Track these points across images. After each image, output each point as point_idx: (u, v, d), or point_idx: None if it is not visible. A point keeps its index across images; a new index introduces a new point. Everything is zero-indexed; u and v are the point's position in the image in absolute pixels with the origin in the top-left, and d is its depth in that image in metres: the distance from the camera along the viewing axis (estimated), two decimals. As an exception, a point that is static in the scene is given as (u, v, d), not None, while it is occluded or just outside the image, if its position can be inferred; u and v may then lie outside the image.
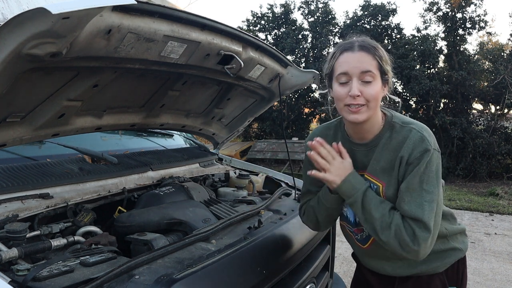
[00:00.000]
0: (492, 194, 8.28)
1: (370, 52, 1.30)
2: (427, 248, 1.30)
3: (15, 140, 1.55)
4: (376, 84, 1.30)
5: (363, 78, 1.29)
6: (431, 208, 1.28)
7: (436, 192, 1.30)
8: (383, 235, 1.31)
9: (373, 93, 1.30)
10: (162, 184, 2.08)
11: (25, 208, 1.44)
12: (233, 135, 2.93)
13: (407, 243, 1.28)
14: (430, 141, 1.32)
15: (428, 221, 1.27)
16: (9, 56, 1.09)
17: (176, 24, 1.46)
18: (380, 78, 1.32)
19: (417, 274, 1.49)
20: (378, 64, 1.31)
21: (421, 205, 1.28)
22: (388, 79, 1.36)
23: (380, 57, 1.31)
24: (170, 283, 1.10)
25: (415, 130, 1.34)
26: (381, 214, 1.32)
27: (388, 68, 1.35)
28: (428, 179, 1.30)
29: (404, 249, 1.29)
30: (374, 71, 1.30)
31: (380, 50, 1.34)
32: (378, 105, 1.36)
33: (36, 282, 1.09)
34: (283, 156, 10.30)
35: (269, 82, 2.32)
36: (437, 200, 1.31)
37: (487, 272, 4.29)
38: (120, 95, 1.84)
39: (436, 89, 10.33)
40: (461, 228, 1.59)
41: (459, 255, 1.55)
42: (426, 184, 1.29)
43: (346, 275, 4.02)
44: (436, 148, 1.34)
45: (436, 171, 1.31)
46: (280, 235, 1.69)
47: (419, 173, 1.29)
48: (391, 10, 12.37)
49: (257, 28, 14.26)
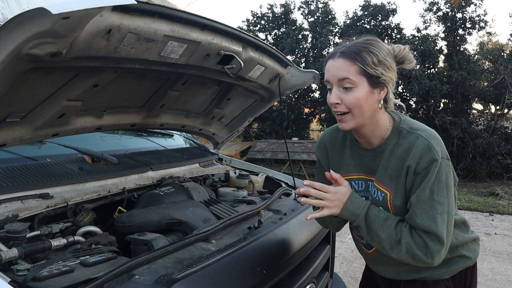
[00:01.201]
0: (492, 194, 8.27)
1: (349, 58, 1.27)
2: (441, 258, 1.30)
3: (15, 140, 1.55)
4: (357, 91, 1.27)
5: (342, 85, 1.28)
6: (443, 220, 1.27)
7: (447, 203, 1.28)
8: (393, 253, 1.32)
9: (352, 100, 1.27)
10: (162, 184, 2.08)
11: (25, 208, 1.44)
12: (233, 135, 2.93)
13: (420, 257, 1.28)
14: (438, 150, 1.28)
15: (441, 233, 1.26)
16: (9, 56, 1.09)
17: (176, 24, 1.46)
18: (367, 83, 1.27)
19: (422, 278, 1.48)
20: (359, 69, 1.26)
21: (434, 218, 1.26)
22: (385, 82, 1.29)
23: (363, 61, 1.26)
24: (170, 283, 1.10)
25: (422, 138, 1.30)
26: (388, 233, 1.31)
27: (382, 70, 1.28)
28: (439, 189, 1.27)
29: (417, 262, 1.31)
30: (353, 78, 1.26)
31: (366, 53, 1.27)
32: (370, 112, 1.31)
33: (36, 282, 1.09)
34: (283, 156, 10.29)
35: (269, 82, 2.32)
36: (449, 210, 1.29)
37: (487, 272, 4.29)
38: (120, 95, 1.84)
39: (436, 89, 10.32)
40: (473, 237, 1.54)
41: (467, 263, 1.50)
42: (437, 195, 1.27)
43: (346, 275, 4.02)
44: (445, 156, 1.30)
45: (446, 180, 1.29)
46: (280, 235, 1.69)
47: (429, 184, 1.27)
48: (391, 10, 12.36)
49: (257, 28, 14.25)
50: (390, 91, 1.33)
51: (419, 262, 1.30)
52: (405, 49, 1.36)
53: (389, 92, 1.34)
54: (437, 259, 1.29)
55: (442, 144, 1.34)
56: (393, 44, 1.38)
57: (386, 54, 1.31)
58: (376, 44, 1.31)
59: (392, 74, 1.32)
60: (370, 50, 1.28)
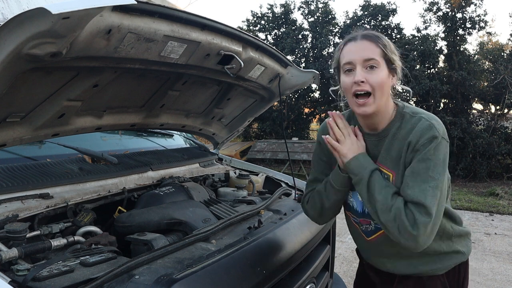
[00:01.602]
0: (492, 194, 8.27)
1: (373, 40, 1.33)
2: (426, 236, 1.26)
3: (15, 140, 1.55)
4: (381, 72, 1.32)
5: (367, 65, 1.31)
6: (434, 194, 1.26)
7: (441, 180, 1.28)
8: (382, 217, 1.30)
9: (378, 79, 1.31)
10: (162, 184, 2.08)
11: (25, 208, 1.43)
12: (233, 135, 2.93)
13: (406, 227, 1.25)
14: (439, 129, 1.31)
15: (430, 205, 1.24)
16: (9, 56, 1.09)
17: (176, 24, 1.46)
18: (386, 67, 1.33)
19: (417, 274, 1.49)
20: (382, 52, 1.32)
21: (425, 190, 1.26)
22: (396, 68, 1.37)
23: (384, 45, 1.33)
24: (170, 283, 1.10)
25: (424, 119, 1.33)
26: (384, 196, 1.31)
27: (395, 58, 1.35)
28: (435, 166, 1.28)
29: (402, 235, 1.26)
30: (378, 58, 1.31)
31: (384, 39, 1.35)
32: (386, 96, 1.36)
33: (36, 282, 1.09)
34: (283, 156, 10.29)
35: (269, 82, 2.32)
36: (441, 189, 1.29)
37: (487, 272, 4.29)
38: (120, 95, 1.84)
39: (436, 89, 10.32)
40: (466, 231, 1.56)
41: (461, 258, 1.53)
42: (432, 171, 1.27)
43: (346, 275, 4.02)
44: (445, 137, 1.32)
45: (443, 160, 1.30)
46: (280, 235, 1.69)
47: (425, 158, 1.28)
48: (391, 10, 12.37)
49: (257, 28, 14.25)
50: (397, 78, 1.40)
51: (403, 235, 1.26)
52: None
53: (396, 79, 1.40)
54: (422, 234, 1.25)
55: (443, 127, 1.35)
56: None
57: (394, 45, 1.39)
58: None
59: (400, 64, 1.39)
60: (386, 38, 1.37)
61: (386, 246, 1.45)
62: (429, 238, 1.28)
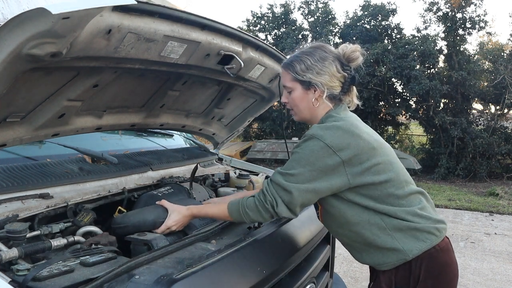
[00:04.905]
0: (492, 194, 8.27)
1: (285, 68, 1.56)
2: (273, 189, 1.44)
3: (15, 140, 1.55)
4: (294, 93, 1.55)
5: (286, 90, 1.58)
6: (282, 174, 1.43)
7: (301, 172, 1.39)
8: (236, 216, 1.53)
9: (293, 100, 1.57)
10: (162, 184, 2.08)
11: (25, 208, 1.43)
12: (233, 135, 2.93)
13: (258, 198, 1.47)
14: (317, 132, 1.41)
15: (274, 177, 1.44)
16: (9, 56, 1.09)
17: (176, 24, 1.46)
18: (300, 86, 1.52)
19: (372, 265, 1.54)
20: (292, 76, 1.53)
21: (277, 170, 1.47)
22: (316, 84, 1.49)
23: (293, 70, 1.52)
24: (170, 283, 1.10)
25: (315, 126, 1.47)
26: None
27: (311, 75, 1.49)
28: (296, 157, 1.42)
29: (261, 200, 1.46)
30: (289, 84, 1.55)
31: (296, 62, 1.51)
32: (307, 108, 1.55)
33: (36, 282, 1.09)
34: (283, 156, 10.29)
35: (269, 82, 2.32)
36: (300, 180, 1.40)
37: (487, 272, 4.29)
38: (120, 95, 1.84)
39: (436, 89, 10.31)
40: (408, 225, 1.41)
41: (401, 257, 1.40)
42: (292, 161, 1.43)
43: (346, 275, 4.02)
44: (319, 137, 1.39)
45: (308, 155, 1.40)
46: (280, 235, 1.70)
47: (293, 151, 1.46)
48: (391, 10, 12.36)
49: (257, 28, 14.25)
50: (325, 91, 1.50)
51: (260, 196, 1.46)
52: (348, 48, 1.52)
53: (325, 92, 1.49)
54: (269, 191, 1.44)
55: (336, 136, 1.40)
56: (343, 45, 1.55)
57: (317, 60, 1.49)
58: (312, 51, 1.51)
59: (324, 78, 1.49)
60: (301, 58, 1.51)
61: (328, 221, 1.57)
62: (280, 193, 1.43)
